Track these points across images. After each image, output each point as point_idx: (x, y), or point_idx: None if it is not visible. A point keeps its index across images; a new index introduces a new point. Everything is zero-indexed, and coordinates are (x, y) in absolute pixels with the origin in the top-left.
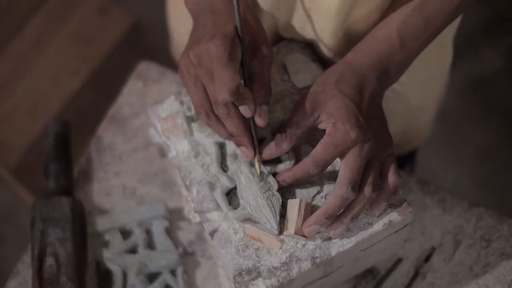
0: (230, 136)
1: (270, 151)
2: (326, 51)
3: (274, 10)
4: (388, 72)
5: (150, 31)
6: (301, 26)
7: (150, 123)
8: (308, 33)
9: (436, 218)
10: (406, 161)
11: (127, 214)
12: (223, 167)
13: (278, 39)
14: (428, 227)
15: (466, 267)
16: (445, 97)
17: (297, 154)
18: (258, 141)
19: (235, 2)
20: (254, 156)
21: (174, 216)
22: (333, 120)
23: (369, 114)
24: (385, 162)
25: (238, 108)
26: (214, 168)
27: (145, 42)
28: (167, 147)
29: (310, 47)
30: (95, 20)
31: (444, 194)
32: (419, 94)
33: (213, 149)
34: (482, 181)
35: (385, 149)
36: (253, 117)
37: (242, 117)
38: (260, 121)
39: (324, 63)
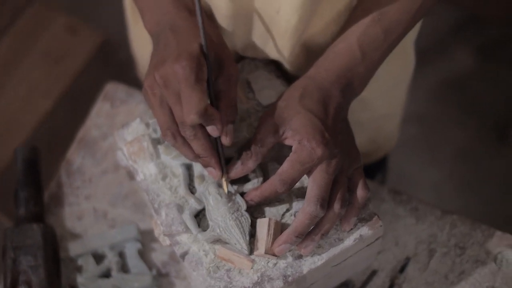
0: (197, 157)
1: (236, 170)
2: (288, 67)
3: (232, 30)
4: (351, 84)
5: (120, 48)
6: (261, 45)
7: (117, 146)
8: (269, 52)
9: (409, 228)
10: (377, 169)
11: (99, 238)
12: (191, 188)
13: (239, 58)
14: (401, 237)
15: (441, 275)
16: (408, 102)
17: (264, 172)
18: (225, 161)
19: (199, 20)
20: (222, 176)
21: (147, 238)
22: (299, 137)
23: (334, 129)
24: (353, 177)
25: (205, 129)
26: (182, 190)
27: (115, 59)
28: (134, 170)
29: (273, 64)
30: (64, 39)
31: (416, 203)
32: (384, 102)
33: (180, 171)
34: (461, 182)
35: (352, 163)
36: (219, 137)
37: (208, 137)
38: (226, 140)
39: (288, 78)
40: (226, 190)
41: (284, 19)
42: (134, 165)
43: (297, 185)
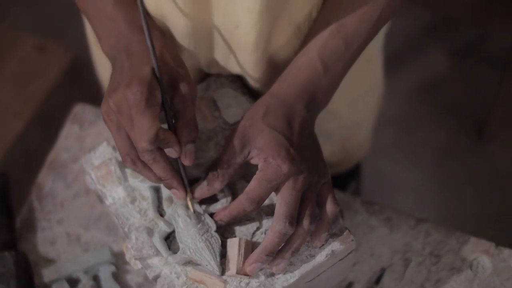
0: (160, 180)
1: (202, 190)
2: (253, 83)
3: (194, 48)
4: (315, 98)
5: (90, 67)
6: (224, 61)
7: (86, 171)
8: (232, 68)
9: (384, 238)
10: (350, 177)
11: (73, 262)
12: (161, 211)
13: (206, 75)
14: (376, 248)
15: (417, 285)
16: (385, 106)
17: (233, 191)
18: (192, 181)
19: (149, 43)
20: (186, 197)
21: (121, 260)
22: (264, 155)
23: (300, 145)
24: (322, 192)
25: (164, 151)
26: (151, 213)
27: (85, 78)
28: (103, 194)
29: (239, 80)
30: (33, 59)
31: (390, 213)
32: (354, 111)
33: (148, 194)
34: (441, 182)
35: (320, 178)
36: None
37: (168, 159)
38: (186, 161)
39: (254, 95)
40: (192, 210)
41: (244, 34)
42: (102, 189)
43: (267, 202)
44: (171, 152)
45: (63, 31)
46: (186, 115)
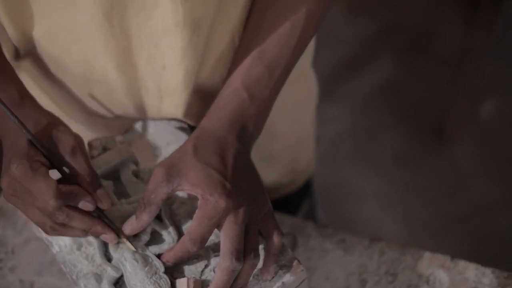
0: (86, 232)
1: (131, 226)
2: (189, 121)
3: (124, 94)
4: (246, 128)
5: None
6: (156, 105)
7: None
8: (165, 110)
9: (338, 261)
10: (303, 195)
11: None
12: (108, 255)
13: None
14: (332, 271)
15: None
16: (342, 115)
17: (179, 230)
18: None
19: (17, 123)
20: (119, 238)
21: None
22: (200, 192)
23: (236, 177)
24: (265, 223)
25: (75, 206)
26: (98, 259)
27: None
28: (49, 243)
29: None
30: None
31: (343, 235)
32: (295, 130)
33: (94, 239)
34: (404, 187)
35: (261, 209)
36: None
37: (84, 211)
38: (104, 206)
39: (193, 129)
40: (132, 249)
41: (171, 74)
42: (48, 238)
43: (214, 239)
44: (84, 205)
45: None
46: (80, 165)
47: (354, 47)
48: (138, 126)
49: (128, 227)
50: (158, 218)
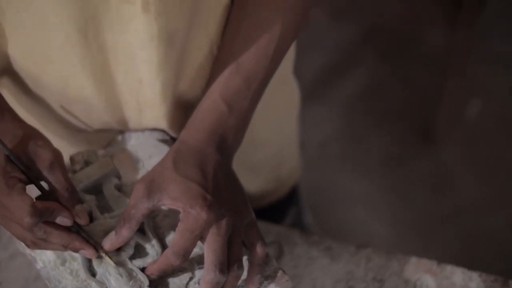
0: (65, 247)
1: (111, 241)
2: (172, 133)
3: (103, 108)
4: (225, 140)
5: None
6: (137, 119)
7: None
8: (147, 123)
9: (325, 268)
10: (289, 202)
11: None
12: (92, 270)
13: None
14: (319, 279)
15: None
16: (330, 119)
17: (163, 243)
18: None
19: None
20: (98, 253)
21: None
22: (181, 205)
23: (217, 189)
24: (248, 233)
25: (53, 222)
26: (83, 274)
27: None
28: (32, 259)
29: (159, 129)
30: None
31: (329, 242)
32: (278, 138)
33: (78, 254)
34: (392, 189)
35: (243, 219)
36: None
37: (62, 226)
38: (82, 221)
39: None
40: (112, 263)
41: (149, 88)
42: (32, 254)
43: (198, 251)
44: (62, 221)
45: None
46: (59, 180)
47: (338, 51)
48: (120, 139)
49: (108, 243)
50: (142, 231)
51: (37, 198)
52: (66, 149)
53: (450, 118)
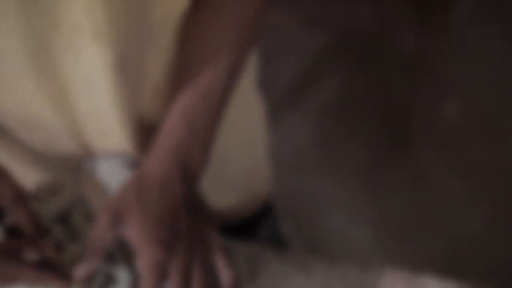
0: (35, 281)
1: (80, 272)
2: (136, 155)
3: (67, 137)
4: (189, 165)
5: None
6: (102, 144)
7: None
8: (112, 147)
9: (301, 284)
10: (263, 216)
11: None
12: None
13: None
14: None
15: None
16: (304, 129)
17: (133, 262)
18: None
19: None
20: (71, 285)
21: None
22: (138, 241)
23: (176, 221)
24: (215, 259)
25: (21, 260)
26: None
27: None
28: None
29: (127, 154)
30: None
31: (303, 257)
32: (247, 152)
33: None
34: (371, 195)
35: (208, 247)
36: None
37: (29, 262)
38: (50, 253)
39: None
40: None
41: (108, 113)
42: None
43: None
44: (32, 255)
45: None
46: (22, 216)
47: (312, 58)
48: (88, 164)
49: (77, 273)
50: (111, 256)
51: (4, 231)
52: (34, 176)
53: (427, 121)
